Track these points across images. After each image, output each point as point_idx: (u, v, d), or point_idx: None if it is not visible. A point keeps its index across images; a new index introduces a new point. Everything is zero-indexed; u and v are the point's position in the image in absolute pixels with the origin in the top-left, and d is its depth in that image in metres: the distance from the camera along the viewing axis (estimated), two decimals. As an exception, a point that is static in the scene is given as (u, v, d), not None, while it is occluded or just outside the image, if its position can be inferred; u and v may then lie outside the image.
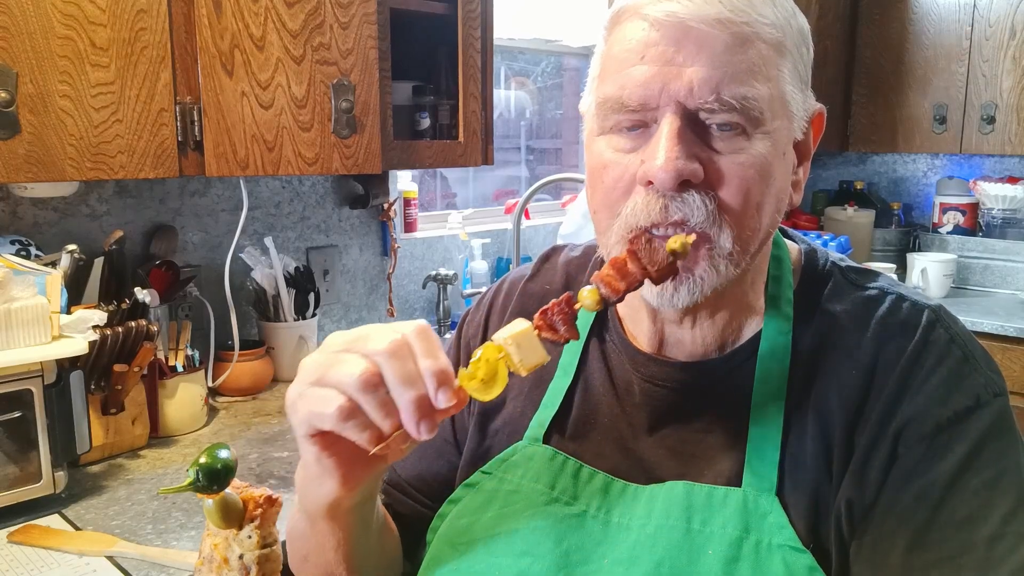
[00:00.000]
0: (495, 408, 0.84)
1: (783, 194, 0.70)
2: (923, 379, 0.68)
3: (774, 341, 0.74)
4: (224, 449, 0.64)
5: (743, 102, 0.63)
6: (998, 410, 0.68)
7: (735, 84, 0.63)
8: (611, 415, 0.79)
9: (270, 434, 1.45)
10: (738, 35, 0.64)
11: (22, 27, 1.07)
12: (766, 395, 0.72)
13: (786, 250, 0.79)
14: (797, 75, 0.68)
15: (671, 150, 0.63)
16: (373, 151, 1.49)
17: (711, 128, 0.65)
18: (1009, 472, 0.66)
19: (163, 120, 1.22)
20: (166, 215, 1.66)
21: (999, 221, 2.80)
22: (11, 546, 1.03)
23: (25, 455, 1.10)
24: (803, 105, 0.70)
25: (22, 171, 1.09)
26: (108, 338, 1.24)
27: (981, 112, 2.60)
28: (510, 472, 0.78)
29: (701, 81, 0.63)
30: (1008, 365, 2.27)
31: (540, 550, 0.72)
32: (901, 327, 0.71)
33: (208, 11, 1.25)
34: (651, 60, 0.65)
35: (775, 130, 0.66)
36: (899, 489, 0.67)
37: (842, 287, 0.76)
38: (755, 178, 0.65)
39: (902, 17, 2.76)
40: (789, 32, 0.67)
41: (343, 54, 1.42)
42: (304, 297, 1.78)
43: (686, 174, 0.64)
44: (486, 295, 0.95)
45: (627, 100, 0.66)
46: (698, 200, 0.65)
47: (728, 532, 0.69)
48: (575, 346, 0.83)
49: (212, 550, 0.67)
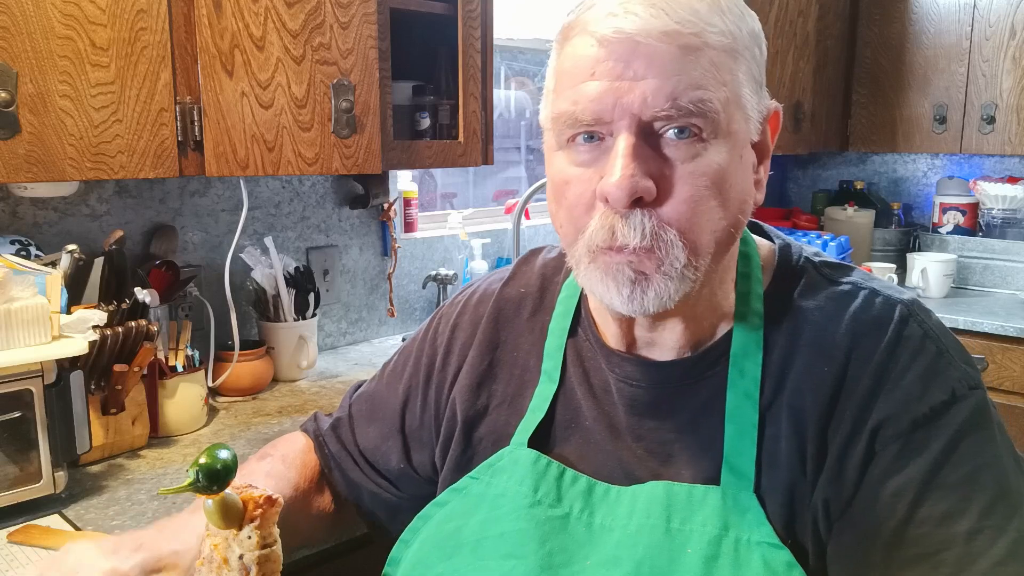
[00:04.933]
0: (479, 415, 0.85)
1: (745, 195, 0.70)
2: (898, 376, 0.68)
3: (745, 339, 0.74)
4: (224, 449, 0.64)
5: (700, 105, 0.64)
6: (974, 403, 0.68)
7: (690, 89, 0.64)
8: (592, 416, 0.79)
9: (270, 434, 1.45)
10: (687, 46, 0.64)
11: (22, 27, 1.07)
12: (740, 393, 0.72)
13: (755, 246, 0.79)
14: (751, 77, 0.69)
15: (626, 167, 0.64)
16: (373, 151, 1.49)
17: (667, 136, 0.65)
18: (987, 466, 0.66)
19: (163, 120, 1.22)
20: (166, 215, 1.66)
21: (999, 221, 2.79)
22: (11, 546, 1.03)
23: (25, 455, 1.10)
24: (758, 106, 0.70)
25: (22, 171, 1.09)
26: (108, 338, 1.24)
27: (981, 112, 2.60)
28: (496, 476, 0.79)
29: (655, 91, 0.63)
30: (1008, 365, 2.27)
31: (524, 552, 0.72)
32: (874, 323, 0.71)
33: (208, 11, 1.25)
34: (602, 76, 0.65)
35: (733, 133, 0.67)
36: (877, 487, 0.67)
37: (815, 282, 0.76)
38: (707, 186, 0.65)
39: (902, 17, 2.76)
40: (740, 36, 0.67)
41: (343, 54, 1.42)
42: (304, 297, 1.78)
43: (640, 191, 0.64)
44: (461, 295, 0.95)
45: (581, 116, 0.66)
46: (639, 220, 0.65)
47: (707, 530, 0.69)
48: (556, 349, 0.83)
49: (212, 550, 0.67)
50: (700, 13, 0.65)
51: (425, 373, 0.91)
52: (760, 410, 0.72)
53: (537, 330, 0.86)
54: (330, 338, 2.02)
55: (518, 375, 0.85)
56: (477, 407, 0.85)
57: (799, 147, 2.72)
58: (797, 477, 0.69)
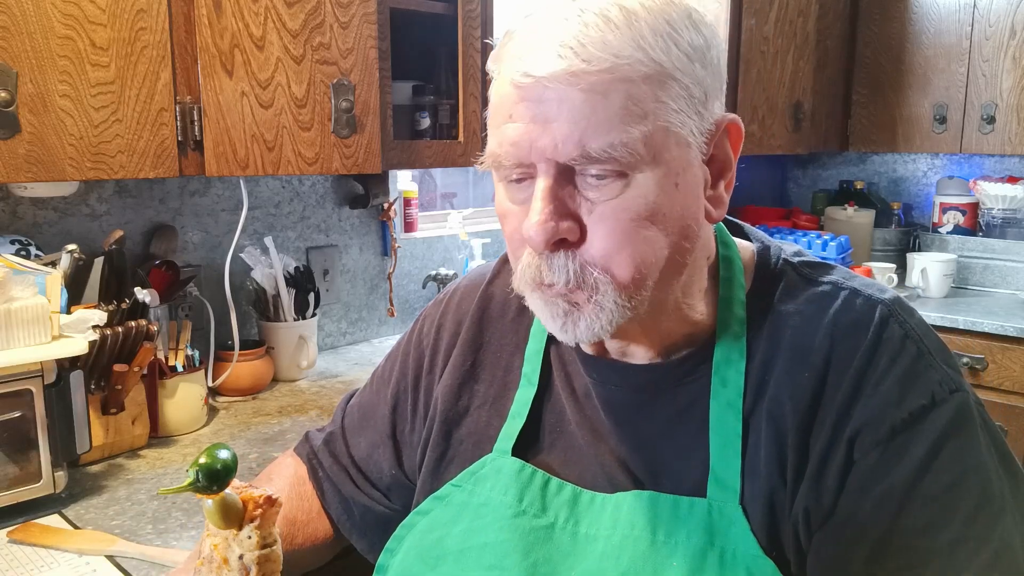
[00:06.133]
0: (460, 415, 0.84)
1: (686, 219, 0.67)
2: (877, 380, 0.67)
3: (728, 348, 0.73)
4: (224, 449, 0.64)
5: (609, 151, 0.62)
6: (955, 407, 0.66)
7: (600, 135, 0.61)
8: (575, 420, 0.78)
9: (270, 434, 1.45)
10: (596, 84, 0.61)
11: (22, 27, 1.07)
12: (723, 404, 0.71)
13: (736, 250, 0.77)
14: (688, 98, 0.65)
15: (542, 212, 0.63)
16: (373, 151, 1.49)
17: (587, 178, 0.64)
18: (970, 472, 0.65)
19: (163, 120, 1.22)
20: (166, 215, 1.66)
21: (999, 221, 2.79)
22: (11, 545, 1.03)
23: (25, 455, 1.10)
24: (700, 125, 0.66)
25: (22, 171, 1.09)
26: (108, 338, 1.24)
27: (981, 112, 2.60)
28: (479, 485, 0.78)
29: (564, 138, 0.62)
30: (1008, 365, 2.26)
31: (508, 563, 0.72)
32: (853, 325, 0.70)
33: (208, 11, 1.25)
34: (519, 118, 0.64)
35: (664, 162, 0.64)
36: (857, 497, 0.65)
37: (795, 284, 0.74)
38: (633, 220, 0.64)
39: (902, 17, 2.76)
40: (668, 61, 0.63)
41: (343, 54, 1.42)
42: (304, 297, 1.78)
43: (561, 233, 0.64)
44: (444, 295, 0.95)
45: (504, 159, 0.66)
46: (562, 262, 0.65)
47: (692, 543, 0.68)
48: (535, 353, 0.83)
49: (212, 550, 0.67)
50: (612, 47, 0.61)
51: (413, 376, 0.91)
52: (743, 419, 0.71)
53: (521, 332, 0.85)
54: (330, 338, 2.02)
55: (500, 376, 0.84)
56: (458, 408, 0.84)
57: (799, 147, 2.72)
58: (777, 486, 0.68)
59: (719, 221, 0.73)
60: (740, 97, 2.42)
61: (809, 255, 0.79)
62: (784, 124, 2.61)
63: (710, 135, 0.68)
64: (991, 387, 2.25)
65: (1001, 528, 0.64)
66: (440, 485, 0.82)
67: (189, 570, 0.77)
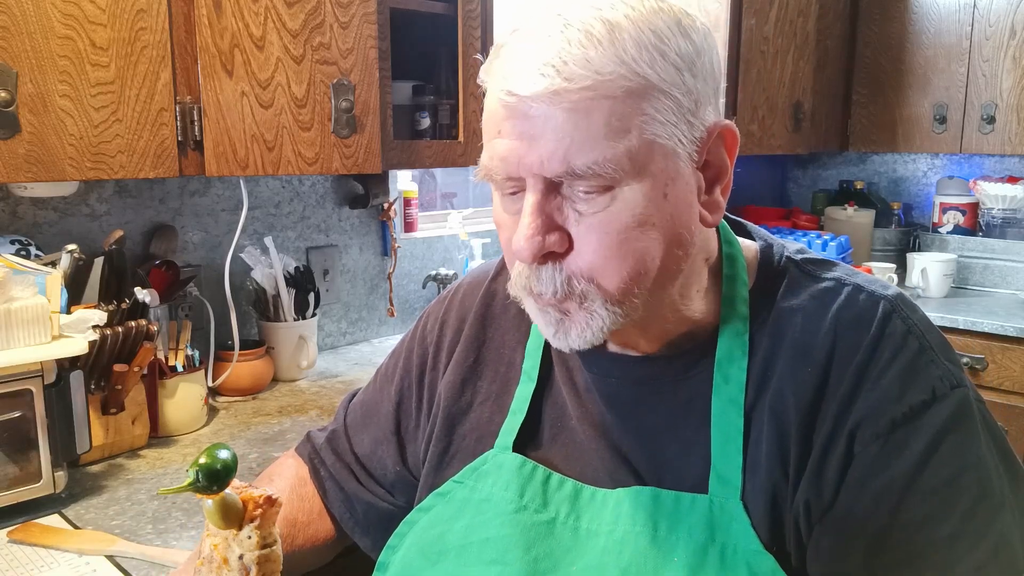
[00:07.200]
0: (463, 411, 0.85)
1: (678, 227, 0.67)
2: (878, 375, 0.67)
3: (731, 344, 0.73)
4: (224, 449, 0.64)
5: (594, 168, 0.62)
6: (956, 403, 0.67)
7: (584, 152, 0.62)
8: (576, 415, 0.79)
9: (270, 434, 1.45)
10: (579, 103, 0.61)
11: (22, 27, 1.07)
12: (725, 400, 0.72)
13: (739, 248, 0.78)
14: (677, 108, 0.64)
15: (529, 226, 0.64)
16: (373, 151, 1.49)
17: (575, 192, 0.64)
18: (969, 468, 0.65)
19: (163, 120, 1.22)
20: (166, 215, 1.66)
21: (999, 221, 2.79)
22: (11, 545, 1.03)
23: (25, 455, 1.10)
24: (689, 135, 0.66)
25: (22, 171, 1.09)
26: (108, 338, 1.24)
27: (981, 112, 2.60)
28: (481, 481, 0.79)
29: (550, 155, 0.62)
30: (1008, 365, 2.26)
31: (509, 558, 0.72)
32: (856, 320, 0.70)
33: (208, 11, 1.25)
34: (506, 134, 0.65)
35: (652, 174, 0.64)
36: (857, 491, 0.66)
37: (798, 281, 0.75)
38: (621, 231, 0.64)
39: (902, 17, 2.76)
40: (653, 71, 0.63)
41: (343, 54, 1.42)
42: (304, 297, 1.78)
43: (548, 247, 0.65)
44: (447, 292, 0.95)
45: (495, 174, 0.67)
46: (550, 274, 0.66)
47: (694, 538, 0.69)
48: (537, 348, 0.83)
49: (212, 550, 0.67)
50: (594, 63, 0.61)
51: (417, 372, 0.92)
52: (745, 415, 0.71)
53: (523, 327, 0.86)
54: (330, 338, 2.02)
55: (503, 372, 0.85)
56: (461, 403, 0.85)
57: (799, 147, 2.72)
58: (778, 481, 0.69)
59: (715, 225, 0.73)
60: (740, 97, 2.42)
61: (812, 253, 0.79)
62: (784, 124, 2.61)
63: (702, 142, 0.67)
64: (991, 387, 2.25)
65: (1000, 523, 0.64)
66: (443, 481, 0.82)
67: (189, 570, 0.77)
